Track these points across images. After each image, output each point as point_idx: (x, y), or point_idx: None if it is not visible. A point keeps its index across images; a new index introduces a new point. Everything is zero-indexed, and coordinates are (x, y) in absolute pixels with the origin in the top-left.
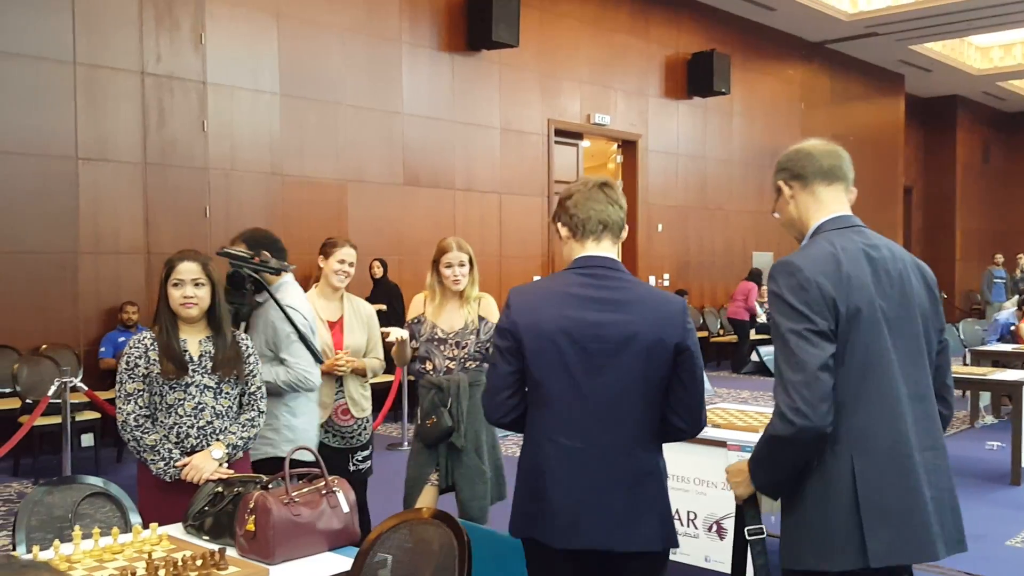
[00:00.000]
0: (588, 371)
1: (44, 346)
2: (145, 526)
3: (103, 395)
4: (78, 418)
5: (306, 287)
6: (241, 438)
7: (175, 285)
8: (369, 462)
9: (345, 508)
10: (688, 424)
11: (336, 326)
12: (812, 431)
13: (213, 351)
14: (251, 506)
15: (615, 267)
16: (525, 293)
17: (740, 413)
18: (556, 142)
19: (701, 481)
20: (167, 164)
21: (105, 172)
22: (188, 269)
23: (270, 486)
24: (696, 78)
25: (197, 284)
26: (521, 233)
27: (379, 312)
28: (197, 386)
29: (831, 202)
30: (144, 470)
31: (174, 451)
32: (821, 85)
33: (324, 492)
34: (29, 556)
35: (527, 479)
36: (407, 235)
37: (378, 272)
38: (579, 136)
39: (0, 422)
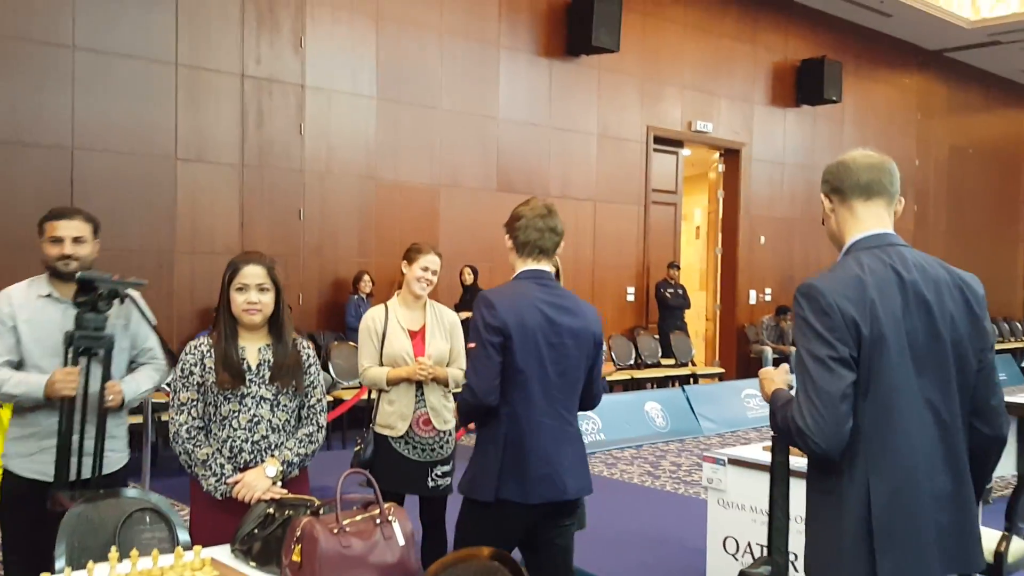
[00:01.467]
0: (554, 361)
1: None
2: (194, 545)
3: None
4: (164, 418)
5: (391, 293)
6: (298, 455)
7: (239, 289)
8: (449, 478)
9: (401, 541)
10: (591, 401)
11: (418, 335)
12: (822, 455)
13: (272, 360)
14: (298, 534)
15: (552, 279)
16: (504, 296)
17: None
18: (655, 149)
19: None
20: (264, 165)
21: (203, 172)
22: (253, 273)
23: (321, 511)
24: (805, 85)
25: (262, 289)
26: (616, 242)
27: (467, 320)
28: (253, 397)
29: (868, 218)
30: (196, 485)
31: (226, 466)
32: (938, 94)
33: (379, 522)
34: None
35: (506, 449)
36: (500, 242)
37: (468, 279)
38: (679, 144)
39: None
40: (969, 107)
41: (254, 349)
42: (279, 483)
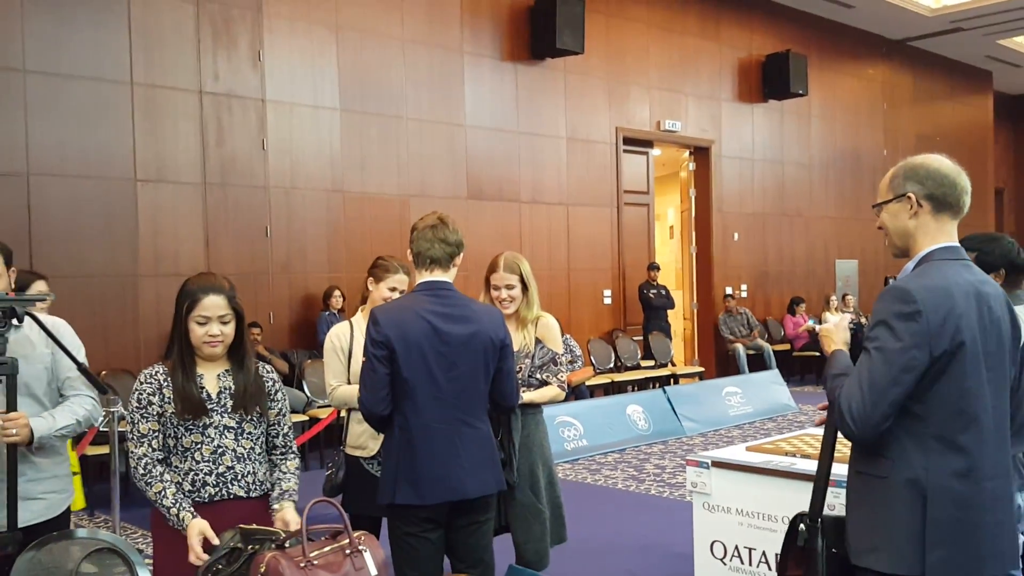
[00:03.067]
0: (444, 369)
1: (104, 372)
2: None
3: None
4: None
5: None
6: (293, 487)
7: (200, 323)
8: None
9: (373, 571)
10: (505, 399)
11: None
12: (853, 440)
13: (233, 387)
14: (262, 570)
15: (449, 288)
16: (389, 311)
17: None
18: (625, 151)
19: (770, 517)
20: (227, 183)
21: (164, 193)
22: (215, 304)
23: (288, 544)
24: (771, 80)
25: (224, 321)
26: (590, 245)
27: None
28: (216, 427)
29: (949, 232)
30: (157, 517)
31: (183, 502)
32: (904, 84)
33: (349, 552)
34: None
35: (400, 455)
36: (472, 250)
37: None
38: (649, 144)
39: None
40: (935, 95)
41: (213, 376)
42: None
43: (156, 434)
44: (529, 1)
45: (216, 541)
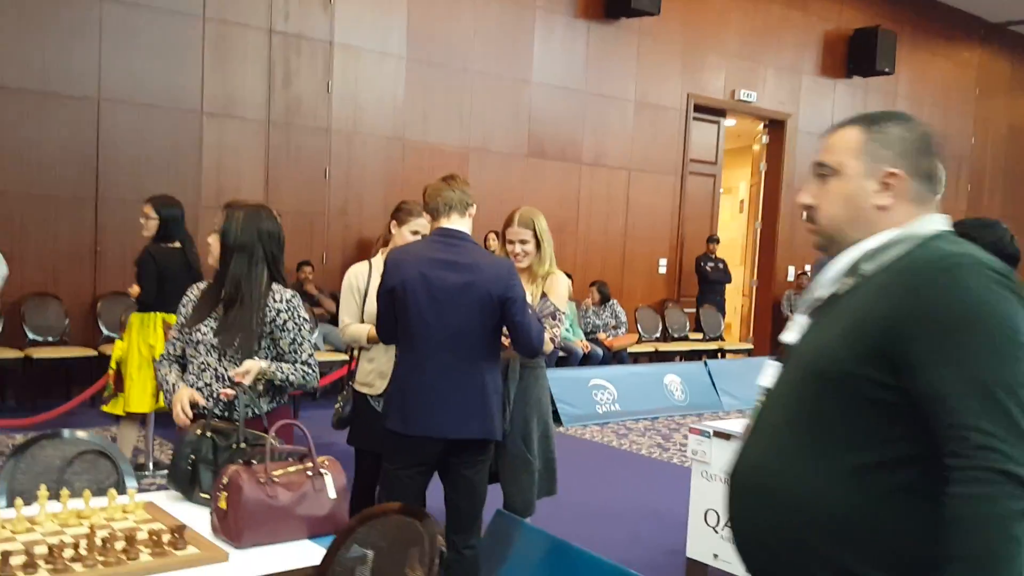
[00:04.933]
0: (437, 312)
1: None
2: None
3: None
4: None
5: None
6: (286, 376)
7: None
8: None
9: (332, 494)
10: (522, 348)
11: None
12: None
13: (221, 313)
14: (224, 481)
15: (462, 237)
16: (397, 256)
17: None
18: (695, 118)
19: None
20: (290, 123)
21: (229, 128)
22: (219, 216)
23: (255, 461)
24: (857, 56)
25: (215, 230)
26: (650, 212)
27: None
28: (205, 345)
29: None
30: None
31: (180, 383)
32: (1000, 70)
33: (311, 474)
34: (10, 511)
35: (397, 386)
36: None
37: (493, 244)
38: (721, 113)
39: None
40: None
41: None
42: (258, 385)
43: (176, 341)
44: None
45: (203, 403)
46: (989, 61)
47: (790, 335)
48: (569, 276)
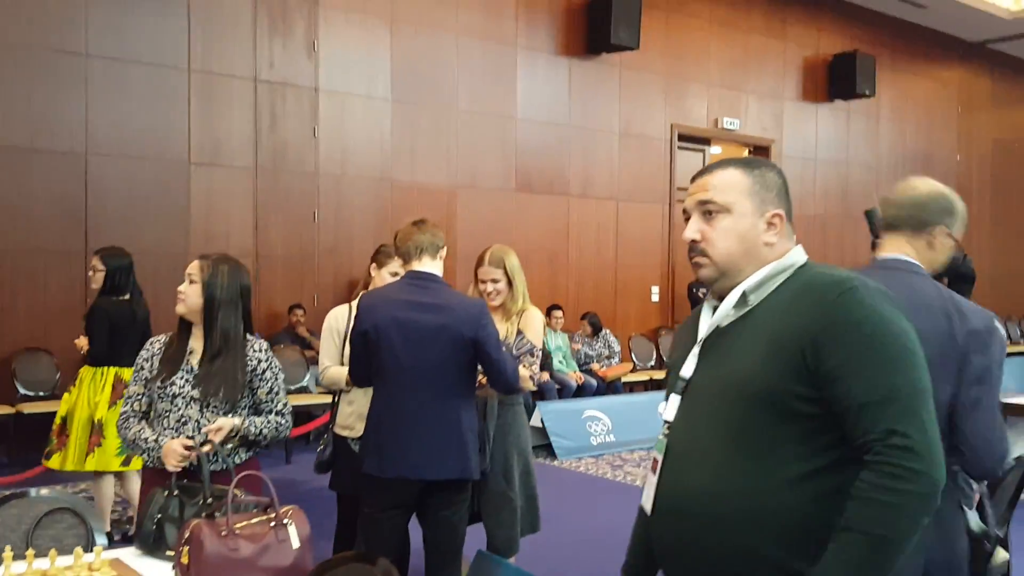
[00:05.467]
0: (410, 354)
1: None
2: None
3: None
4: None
5: None
6: (260, 431)
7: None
8: None
9: (295, 543)
10: (499, 386)
11: None
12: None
13: (199, 364)
14: (187, 535)
15: (433, 279)
16: (370, 298)
17: None
18: (680, 147)
19: None
20: (278, 168)
21: (217, 175)
22: (191, 266)
23: (217, 514)
24: (838, 80)
25: (191, 281)
26: (640, 241)
27: None
28: (183, 398)
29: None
30: (145, 477)
31: (150, 438)
32: (981, 87)
33: (273, 524)
34: None
35: (372, 429)
36: (519, 241)
37: None
38: (706, 141)
39: None
40: (1014, 99)
41: (201, 349)
42: (228, 445)
43: (139, 396)
44: None
45: (194, 446)
46: (970, 79)
47: (687, 369)
48: (559, 308)
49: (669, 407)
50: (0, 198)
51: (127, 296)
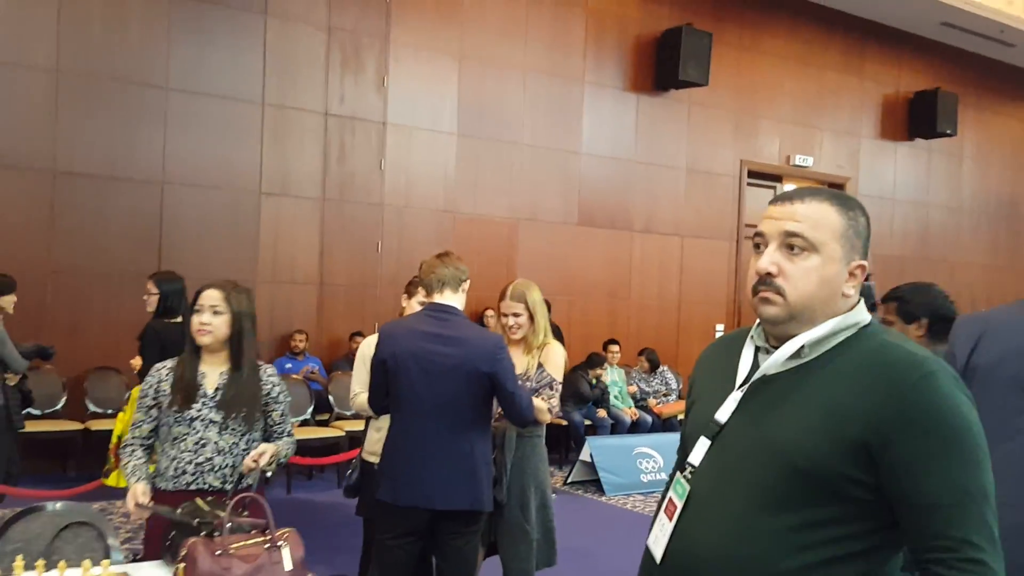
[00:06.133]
0: (426, 384)
1: None
2: (149, 557)
3: None
4: None
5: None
6: (285, 453)
7: (196, 311)
8: None
9: (288, 565)
10: (513, 419)
11: None
12: None
13: (226, 386)
14: (183, 553)
15: (452, 312)
16: (391, 328)
17: None
18: (749, 184)
19: None
20: (344, 200)
21: (286, 205)
22: (209, 296)
23: (216, 533)
24: (917, 118)
25: (216, 312)
26: (705, 278)
27: None
28: (203, 420)
29: None
30: (155, 498)
31: (140, 474)
32: None
33: (268, 546)
34: None
35: (388, 457)
36: (579, 276)
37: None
38: (777, 178)
39: None
40: None
41: (215, 374)
42: (267, 472)
43: (142, 423)
44: (656, 33)
45: (144, 502)
46: None
47: (723, 413)
48: (616, 343)
49: (696, 450)
50: (80, 222)
51: (179, 318)
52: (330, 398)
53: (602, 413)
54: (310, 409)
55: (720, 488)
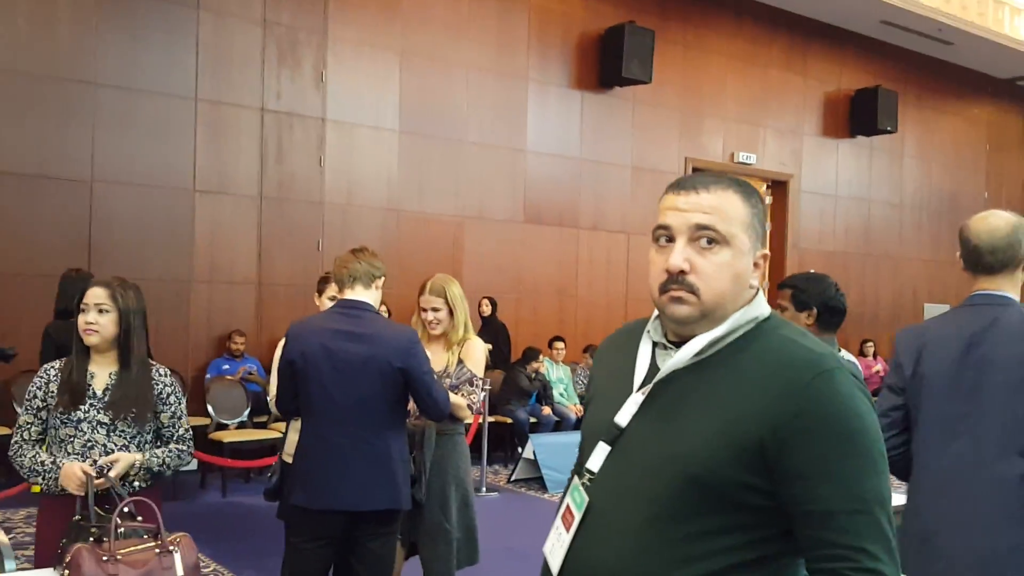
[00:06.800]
0: (338, 384)
1: None
2: (40, 565)
3: (195, 421)
4: None
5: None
6: (162, 461)
7: (82, 311)
8: None
9: (179, 571)
10: (429, 415)
11: None
12: None
13: (113, 386)
14: (67, 560)
15: (364, 307)
16: (298, 328)
17: None
18: None
19: None
20: (283, 198)
21: (222, 204)
22: (94, 294)
23: (105, 539)
24: (859, 116)
25: (101, 310)
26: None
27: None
28: (90, 422)
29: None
30: (44, 505)
31: (46, 462)
32: (1012, 125)
33: (159, 551)
34: None
35: (300, 460)
36: (527, 273)
37: (486, 310)
38: None
39: None
40: None
41: (104, 374)
42: (137, 482)
43: (31, 425)
44: (599, 30)
45: (91, 472)
46: (1000, 117)
47: (623, 416)
48: (562, 340)
49: (595, 455)
50: (7, 223)
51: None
52: (268, 399)
53: (547, 410)
54: (247, 411)
55: (619, 499)
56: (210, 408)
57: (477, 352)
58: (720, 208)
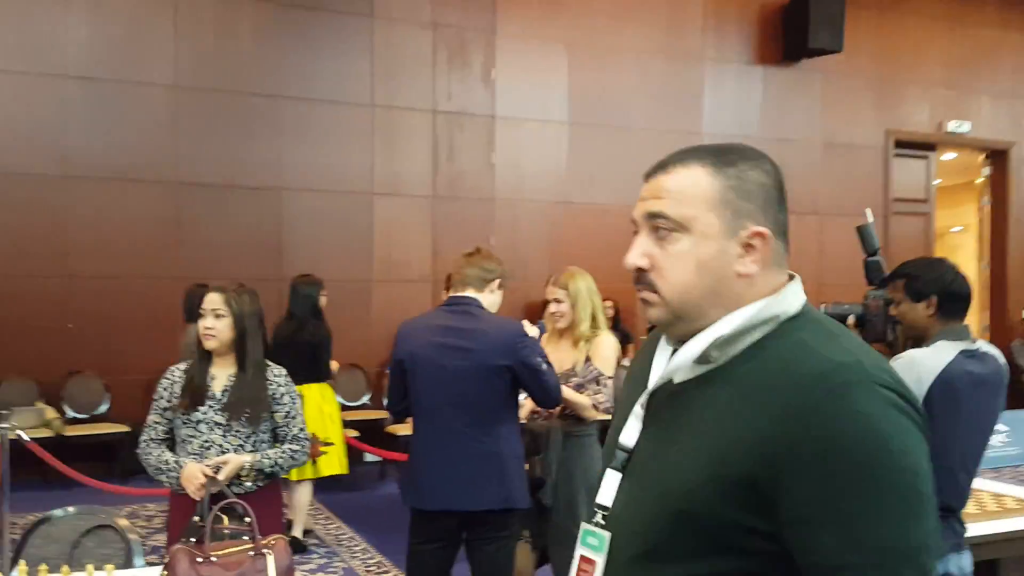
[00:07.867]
0: (444, 382)
1: (338, 367)
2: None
3: (373, 415)
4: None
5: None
6: (274, 462)
7: (201, 316)
8: None
9: (271, 574)
10: (542, 404)
11: None
12: None
13: (231, 388)
14: (165, 559)
15: (470, 303)
16: (406, 325)
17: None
18: (897, 155)
19: None
20: (455, 196)
21: (398, 205)
22: (210, 300)
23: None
24: None
25: (217, 315)
26: (849, 257)
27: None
28: (207, 423)
29: None
30: (173, 503)
31: (171, 461)
32: None
33: (253, 553)
34: None
35: (412, 461)
36: None
37: (610, 312)
38: (930, 147)
39: None
40: None
41: (223, 377)
42: (248, 483)
43: (157, 425)
44: (782, 1)
45: (212, 474)
46: None
47: (628, 436)
48: None
49: (605, 486)
50: (201, 231)
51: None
52: None
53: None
54: None
55: (619, 537)
56: (386, 403)
57: (606, 349)
58: (675, 190)
